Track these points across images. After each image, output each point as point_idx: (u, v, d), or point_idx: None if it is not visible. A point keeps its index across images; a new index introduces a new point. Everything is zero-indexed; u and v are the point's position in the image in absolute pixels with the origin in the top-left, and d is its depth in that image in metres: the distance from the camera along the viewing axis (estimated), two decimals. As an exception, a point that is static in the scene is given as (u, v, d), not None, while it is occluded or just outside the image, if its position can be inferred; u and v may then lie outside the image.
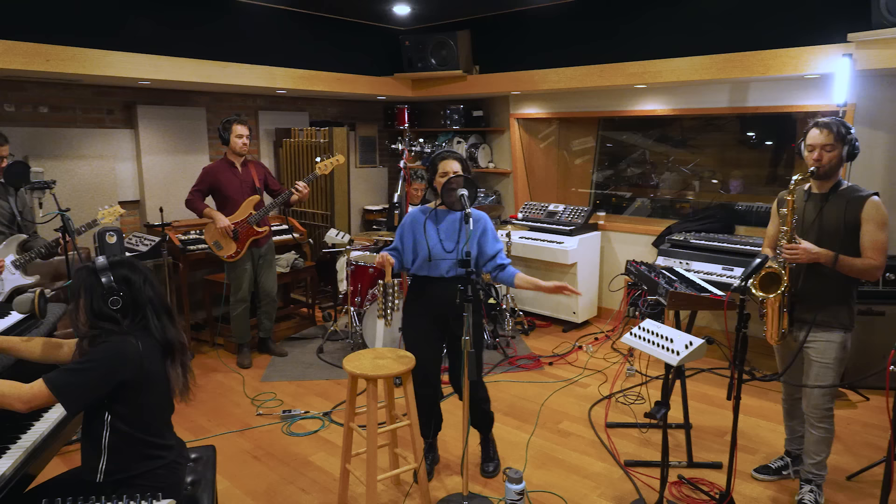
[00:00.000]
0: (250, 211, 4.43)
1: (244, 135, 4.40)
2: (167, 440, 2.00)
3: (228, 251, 4.41)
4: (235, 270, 4.50)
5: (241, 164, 4.49)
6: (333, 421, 3.75)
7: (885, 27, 3.54)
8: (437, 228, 2.97)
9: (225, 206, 4.42)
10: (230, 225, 4.33)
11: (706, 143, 5.66)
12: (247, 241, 4.43)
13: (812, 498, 2.77)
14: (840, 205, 2.61)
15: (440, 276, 2.95)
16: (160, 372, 1.95)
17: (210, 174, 4.42)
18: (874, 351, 3.88)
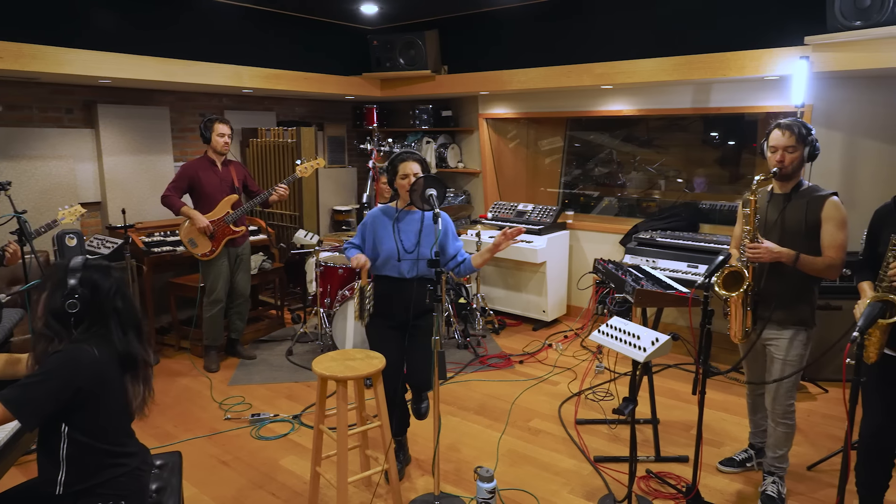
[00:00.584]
0: (227, 210, 4.40)
1: (226, 133, 4.37)
2: (128, 447, 1.95)
3: (203, 249, 4.36)
4: (211, 269, 4.43)
5: (222, 164, 4.46)
6: (303, 424, 3.71)
7: (839, 31, 3.65)
8: (398, 228, 3.00)
9: (203, 204, 4.38)
10: (209, 225, 4.30)
11: (671, 142, 5.77)
12: (222, 240, 4.39)
13: (775, 489, 2.85)
14: (801, 205, 2.68)
15: (400, 276, 2.99)
16: (117, 379, 1.90)
17: (189, 171, 4.37)
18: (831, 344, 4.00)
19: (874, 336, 2.24)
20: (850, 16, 3.61)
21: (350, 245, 3.12)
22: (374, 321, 3.09)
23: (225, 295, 4.52)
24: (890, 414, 2.42)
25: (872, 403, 2.45)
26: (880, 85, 4.15)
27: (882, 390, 2.40)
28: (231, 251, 4.50)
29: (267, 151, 5.94)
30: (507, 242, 2.86)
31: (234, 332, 4.75)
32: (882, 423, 2.44)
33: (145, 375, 1.98)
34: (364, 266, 2.97)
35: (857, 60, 3.69)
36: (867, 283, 2.39)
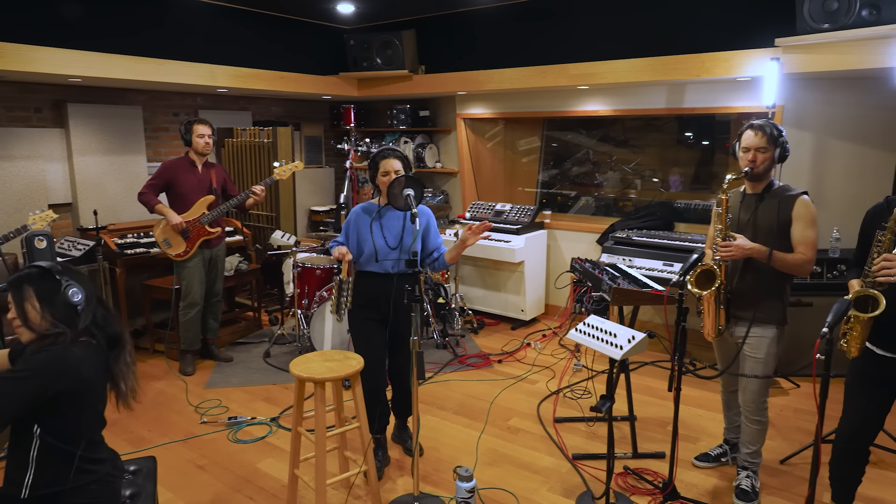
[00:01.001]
0: (203, 210, 4.35)
1: (206, 134, 4.33)
2: (99, 454, 1.92)
3: (177, 249, 4.31)
4: (186, 271, 4.37)
5: (203, 165, 4.41)
6: (281, 426, 3.67)
7: (808, 33, 3.73)
8: (380, 225, 3.06)
9: (178, 203, 4.33)
10: (182, 222, 4.25)
11: (647, 142, 5.84)
12: (197, 240, 4.33)
13: (749, 483, 2.90)
14: (773, 204, 2.72)
15: (384, 272, 3.04)
16: (97, 381, 1.88)
17: (168, 170, 4.33)
18: (803, 340, 4.09)
19: (855, 330, 2.27)
20: (818, 18, 3.68)
21: (336, 243, 3.16)
22: (358, 313, 3.13)
23: (201, 297, 4.46)
24: (874, 413, 2.44)
25: (856, 403, 2.47)
26: (848, 86, 4.25)
27: (868, 389, 2.42)
28: (206, 252, 4.45)
29: (242, 152, 5.87)
30: (473, 238, 2.91)
31: (209, 333, 4.69)
32: (864, 422, 2.46)
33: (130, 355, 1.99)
34: (345, 257, 2.98)
35: (825, 62, 3.77)
36: (856, 281, 2.42)
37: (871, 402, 2.43)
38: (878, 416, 2.45)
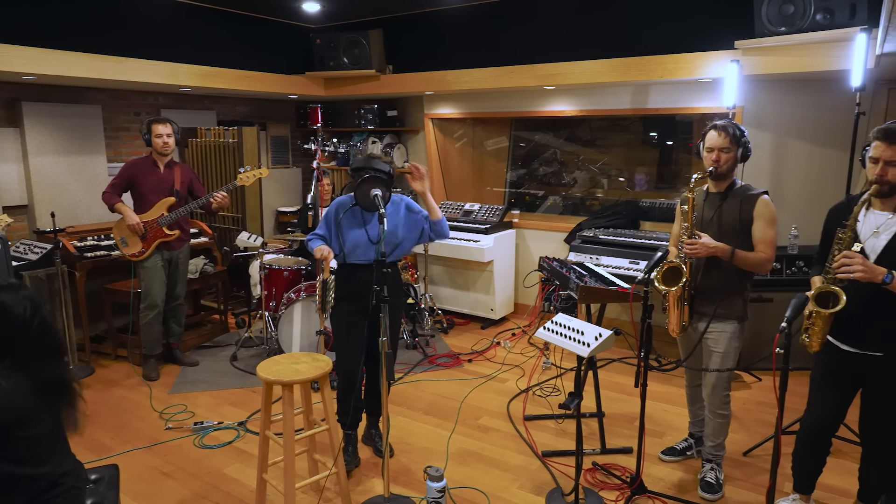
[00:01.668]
0: (162, 212, 4.28)
1: (164, 133, 4.26)
2: (63, 466, 1.85)
3: (133, 249, 4.25)
4: (145, 271, 4.29)
5: (165, 166, 4.34)
6: (249, 430, 3.62)
7: (766, 36, 3.84)
8: (363, 218, 3.10)
9: (140, 204, 4.29)
10: (139, 223, 4.18)
11: (613, 142, 5.92)
12: (154, 241, 4.26)
13: (713, 476, 2.97)
14: (735, 203, 2.79)
15: (368, 263, 3.07)
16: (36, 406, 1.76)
17: (129, 169, 4.29)
18: (764, 335, 4.20)
19: (817, 325, 2.34)
20: (775, 22, 3.79)
21: (314, 236, 3.16)
22: (339, 306, 3.14)
23: (162, 300, 4.38)
24: (839, 406, 2.52)
25: (821, 396, 2.55)
26: (805, 88, 4.38)
27: (833, 383, 2.50)
28: (166, 254, 4.37)
29: (207, 152, 5.77)
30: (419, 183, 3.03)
31: (173, 337, 4.60)
32: (829, 415, 2.54)
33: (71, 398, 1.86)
34: (327, 258, 3.00)
35: (782, 64, 3.88)
36: (818, 278, 2.49)
37: (835, 396, 2.51)
38: (842, 408, 2.53)
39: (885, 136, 2.22)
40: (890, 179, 2.23)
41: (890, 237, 2.28)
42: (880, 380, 2.39)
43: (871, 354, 2.36)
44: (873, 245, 2.31)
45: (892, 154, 2.20)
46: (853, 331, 2.37)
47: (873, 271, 2.19)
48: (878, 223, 2.32)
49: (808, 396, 2.62)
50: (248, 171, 4.43)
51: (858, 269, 2.19)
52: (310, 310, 4.35)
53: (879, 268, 2.20)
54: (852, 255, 2.23)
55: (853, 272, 2.20)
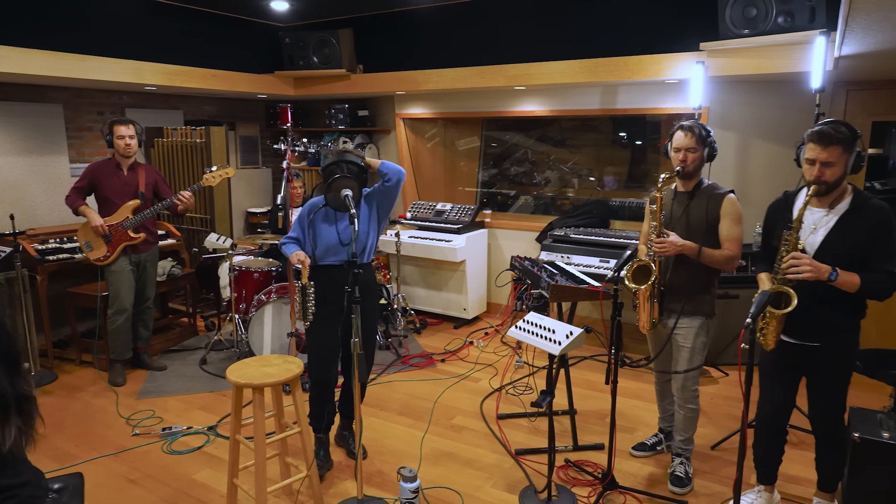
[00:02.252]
0: (127, 215, 4.19)
1: (126, 135, 4.15)
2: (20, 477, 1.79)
3: (98, 253, 4.15)
4: (113, 275, 4.20)
5: (129, 168, 4.24)
6: (219, 435, 3.56)
7: (730, 38, 3.92)
8: (335, 218, 3.08)
9: (104, 207, 4.20)
10: (104, 224, 4.09)
11: (583, 142, 5.99)
12: (119, 245, 4.17)
13: (683, 469, 3.02)
14: (702, 202, 2.85)
15: (339, 264, 3.06)
16: None
17: (91, 172, 4.19)
18: (731, 331, 4.30)
19: (771, 325, 2.42)
20: (738, 24, 3.88)
21: (288, 240, 3.13)
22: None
23: (131, 304, 4.29)
24: (787, 394, 2.63)
25: (769, 386, 2.66)
26: (767, 89, 4.48)
27: (780, 373, 2.61)
28: (133, 257, 4.28)
29: (174, 152, 5.66)
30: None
31: (140, 342, 4.50)
32: (779, 403, 2.64)
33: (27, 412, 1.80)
34: (305, 264, 2.97)
35: (745, 66, 3.97)
36: (765, 274, 2.58)
37: (782, 384, 2.63)
38: (790, 396, 2.65)
39: (819, 139, 2.31)
40: (827, 180, 2.32)
41: (826, 233, 2.39)
42: (819, 368, 2.51)
43: (810, 345, 2.47)
44: (812, 242, 2.41)
45: (827, 156, 2.29)
46: (794, 324, 2.47)
47: (820, 270, 2.28)
48: (814, 220, 2.42)
49: (759, 388, 2.70)
50: (215, 171, 4.34)
51: (807, 269, 2.28)
52: (281, 312, 4.30)
53: (825, 266, 2.29)
54: (800, 256, 2.32)
55: (802, 273, 2.28)
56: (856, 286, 2.29)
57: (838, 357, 2.47)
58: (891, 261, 2.31)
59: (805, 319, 2.42)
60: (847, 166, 2.33)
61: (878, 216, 2.32)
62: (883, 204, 2.35)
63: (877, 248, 2.31)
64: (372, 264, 3.25)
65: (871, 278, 2.29)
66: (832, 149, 2.29)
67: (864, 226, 2.33)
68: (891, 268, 2.30)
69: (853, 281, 2.28)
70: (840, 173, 2.33)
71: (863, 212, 2.35)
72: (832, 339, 2.44)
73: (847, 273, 2.29)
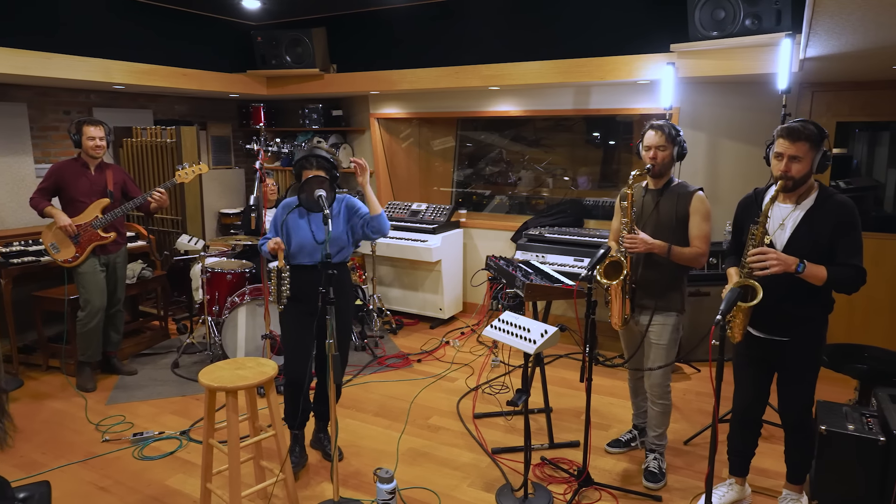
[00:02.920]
0: (97, 214, 4.09)
1: (97, 136, 4.06)
2: None
3: (66, 255, 4.03)
4: (83, 277, 4.09)
5: (96, 168, 4.14)
6: (192, 439, 3.51)
7: (700, 39, 3.98)
8: (308, 218, 3.08)
9: (71, 208, 4.07)
10: (71, 225, 3.98)
11: (557, 142, 6.03)
12: (88, 245, 4.06)
13: (656, 465, 3.06)
14: (672, 199, 2.90)
15: (312, 265, 3.05)
16: None
17: (56, 172, 4.06)
18: (702, 328, 4.37)
19: (738, 318, 2.47)
20: (708, 26, 3.94)
21: (265, 240, 3.15)
22: (287, 306, 3.10)
23: (103, 306, 4.19)
24: (760, 387, 2.69)
25: (744, 380, 2.71)
26: (736, 90, 4.57)
27: (752, 367, 2.66)
28: (103, 258, 4.18)
29: (143, 153, 5.56)
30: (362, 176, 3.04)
31: (110, 346, 4.41)
32: (752, 396, 2.70)
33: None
34: (281, 246, 2.99)
35: (714, 67, 4.04)
36: (734, 269, 2.63)
37: (754, 378, 2.69)
38: (763, 390, 2.71)
39: (787, 134, 2.37)
40: (794, 175, 2.37)
41: (793, 228, 2.44)
42: (788, 362, 2.56)
43: (779, 339, 2.53)
44: (780, 237, 2.47)
45: (795, 150, 2.35)
46: (763, 318, 2.52)
47: (787, 263, 2.33)
48: (782, 216, 2.48)
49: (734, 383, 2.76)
50: (187, 167, 4.28)
51: (773, 262, 2.33)
52: (255, 313, 4.25)
53: (792, 258, 2.34)
54: (766, 250, 2.37)
55: (769, 266, 2.32)
56: (823, 279, 2.34)
57: (806, 351, 2.52)
58: (857, 255, 2.36)
59: (773, 314, 2.48)
60: (814, 164, 2.39)
61: (842, 211, 2.38)
62: (847, 199, 2.41)
63: (842, 242, 2.37)
64: (347, 265, 3.24)
65: (837, 271, 2.35)
66: (800, 144, 2.34)
67: (830, 220, 2.38)
68: (857, 262, 2.36)
69: (820, 274, 2.34)
70: (806, 170, 2.38)
71: (828, 207, 2.40)
72: (800, 332, 2.50)
73: (814, 266, 2.34)
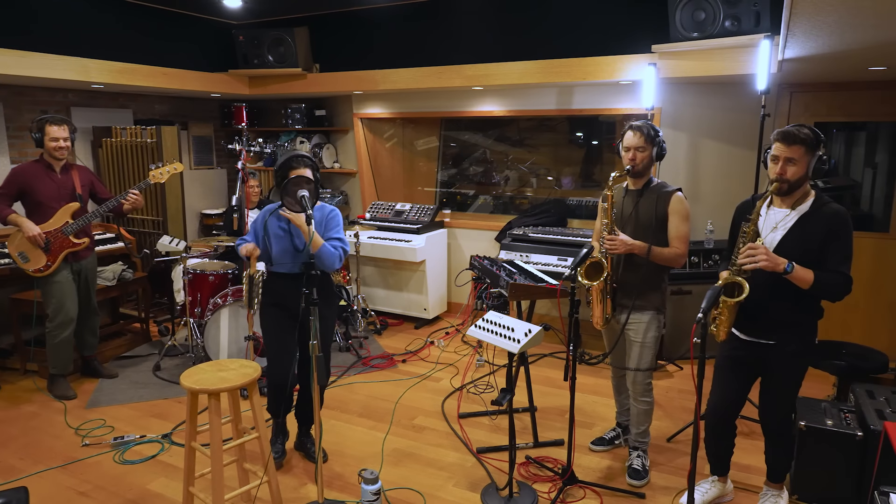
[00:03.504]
0: (67, 219, 3.92)
1: (60, 137, 3.83)
2: None
3: (36, 264, 3.86)
4: (52, 287, 3.92)
5: (62, 169, 3.94)
6: (174, 443, 3.47)
7: (680, 41, 4.02)
8: (289, 227, 3.05)
9: (37, 214, 3.86)
10: (41, 233, 3.80)
11: (541, 142, 6.06)
12: (60, 253, 3.91)
13: (640, 462, 3.09)
14: (651, 199, 2.92)
15: (294, 273, 3.03)
16: None
17: (18, 176, 3.85)
18: (685, 326, 4.42)
19: (724, 315, 2.49)
20: (688, 27, 3.98)
21: (242, 241, 3.13)
22: (269, 311, 3.10)
23: (75, 314, 4.05)
24: (738, 389, 2.69)
25: (723, 381, 2.71)
26: (717, 90, 4.62)
27: (733, 369, 2.67)
28: (74, 265, 4.03)
29: (123, 153, 5.48)
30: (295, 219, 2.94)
31: (88, 349, 4.31)
32: (729, 398, 2.71)
33: None
34: (253, 254, 2.98)
35: (695, 68, 4.08)
36: (725, 272, 2.64)
37: (735, 381, 2.70)
38: (742, 393, 2.72)
39: (783, 138, 2.41)
40: (789, 178, 2.41)
41: (786, 232, 2.47)
42: (773, 366, 2.58)
43: (766, 342, 2.55)
44: (772, 240, 2.49)
45: (790, 153, 2.39)
46: (750, 321, 2.55)
47: (775, 261, 2.35)
48: (776, 220, 2.51)
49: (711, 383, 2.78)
50: (161, 166, 4.11)
51: (762, 258, 2.35)
52: (237, 315, 4.21)
53: (781, 258, 2.36)
54: (756, 246, 2.39)
55: (758, 262, 2.35)
56: (809, 282, 2.36)
57: (790, 356, 2.53)
58: (845, 263, 2.39)
59: (760, 316, 2.50)
60: (809, 168, 2.42)
61: (835, 219, 2.40)
62: (841, 208, 2.43)
63: (832, 249, 2.39)
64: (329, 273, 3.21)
65: (825, 277, 2.37)
66: (795, 147, 2.38)
67: (822, 227, 2.40)
68: (845, 270, 2.38)
69: (808, 277, 2.35)
70: (801, 173, 2.41)
71: (821, 214, 2.43)
72: (785, 336, 2.51)
73: (803, 269, 2.35)
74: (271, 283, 3.13)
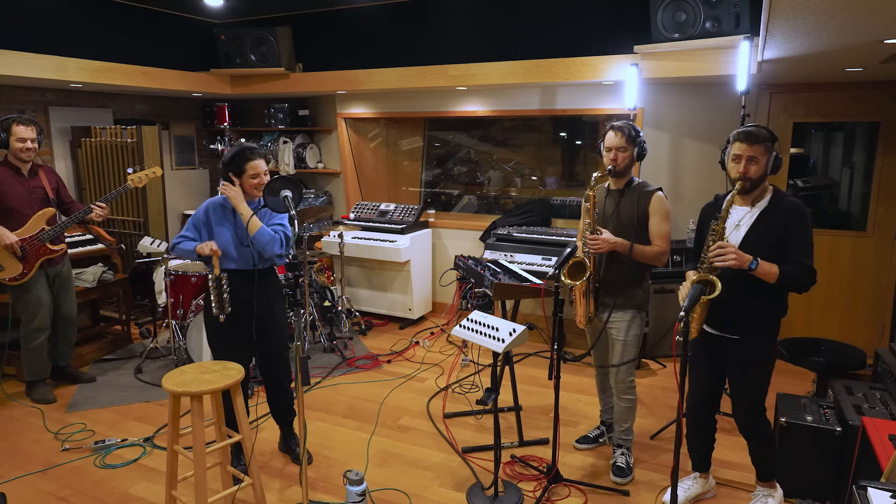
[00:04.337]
0: (42, 226, 3.81)
1: (28, 138, 3.71)
2: None
3: (12, 273, 3.74)
4: (26, 295, 3.82)
5: (29, 171, 3.83)
6: (157, 446, 3.43)
7: (662, 41, 4.06)
8: (234, 221, 2.99)
9: (10, 219, 3.72)
10: (17, 241, 3.69)
11: (525, 142, 6.08)
12: (37, 261, 3.80)
13: (624, 460, 3.11)
14: (633, 199, 2.95)
15: (245, 269, 2.98)
16: None
17: None
18: (667, 324, 4.46)
19: (695, 312, 2.52)
20: (669, 28, 4.02)
21: (183, 238, 2.97)
22: (214, 327, 2.99)
23: (50, 321, 3.95)
24: (713, 384, 2.75)
25: (698, 377, 2.76)
26: (698, 91, 4.67)
27: (705, 364, 2.72)
28: (49, 271, 3.93)
29: (103, 153, 5.41)
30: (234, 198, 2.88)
31: (62, 359, 4.20)
32: (706, 392, 2.76)
33: None
34: (217, 252, 2.86)
35: (676, 69, 4.12)
36: (692, 272, 2.68)
37: (707, 376, 2.74)
38: (717, 386, 2.76)
39: (745, 138, 2.47)
40: (752, 176, 2.47)
41: (748, 229, 2.52)
42: (737, 363, 2.62)
43: (731, 337, 2.59)
44: (736, 238, 2.54)
45: (752, 152, 2.45)
46: (717, 315, 2.58)
47: (742, 258, 2.40)
48: (738, 217, 2.56)
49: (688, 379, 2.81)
50: (139, 171, 4.01)
51: (732, 256, 2.40)
52: (220, 316, 4.17)
53: (747, 255, 2.42)
54: (726, 244, 2.44)
55: (727, 260, 2.39)
56: (775, 276, 2.41)
57: (754, 350, 2.56)
58: (807, 254, 2.44)
59: (726, 311, 2.54)
60: (768, 165, 2.49)
61: (793, 212, 2.47)
62: (798, 201, 2.50)
63: (793, 242, 2.45)
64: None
65: (789, 270, 2.42)
66: (757, 146, 2.44)
67: (781, 221, 2.46)
68: (807, 261, 2.43)
69: (772, 271, 2.41)
70: (762, 171, 2.48)
71: (780, 208, 2.49)
72: (749, 330, 2.55)
73: (767, 263, 2.41)
74: None
